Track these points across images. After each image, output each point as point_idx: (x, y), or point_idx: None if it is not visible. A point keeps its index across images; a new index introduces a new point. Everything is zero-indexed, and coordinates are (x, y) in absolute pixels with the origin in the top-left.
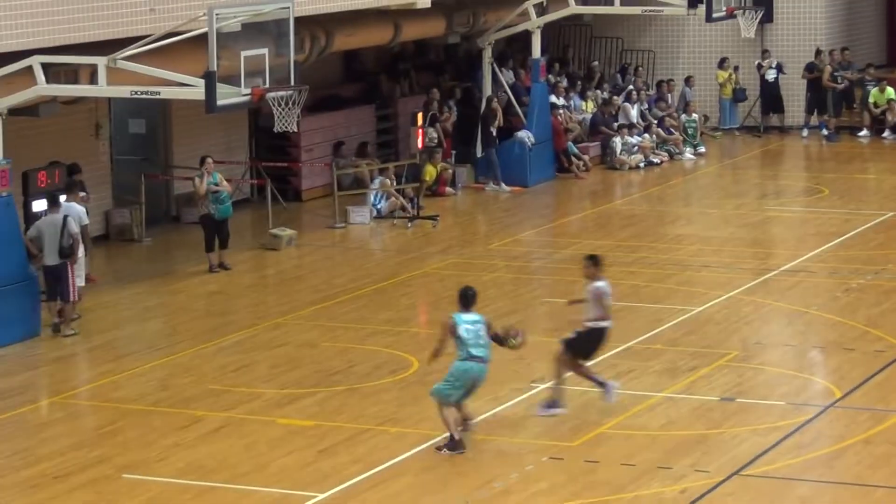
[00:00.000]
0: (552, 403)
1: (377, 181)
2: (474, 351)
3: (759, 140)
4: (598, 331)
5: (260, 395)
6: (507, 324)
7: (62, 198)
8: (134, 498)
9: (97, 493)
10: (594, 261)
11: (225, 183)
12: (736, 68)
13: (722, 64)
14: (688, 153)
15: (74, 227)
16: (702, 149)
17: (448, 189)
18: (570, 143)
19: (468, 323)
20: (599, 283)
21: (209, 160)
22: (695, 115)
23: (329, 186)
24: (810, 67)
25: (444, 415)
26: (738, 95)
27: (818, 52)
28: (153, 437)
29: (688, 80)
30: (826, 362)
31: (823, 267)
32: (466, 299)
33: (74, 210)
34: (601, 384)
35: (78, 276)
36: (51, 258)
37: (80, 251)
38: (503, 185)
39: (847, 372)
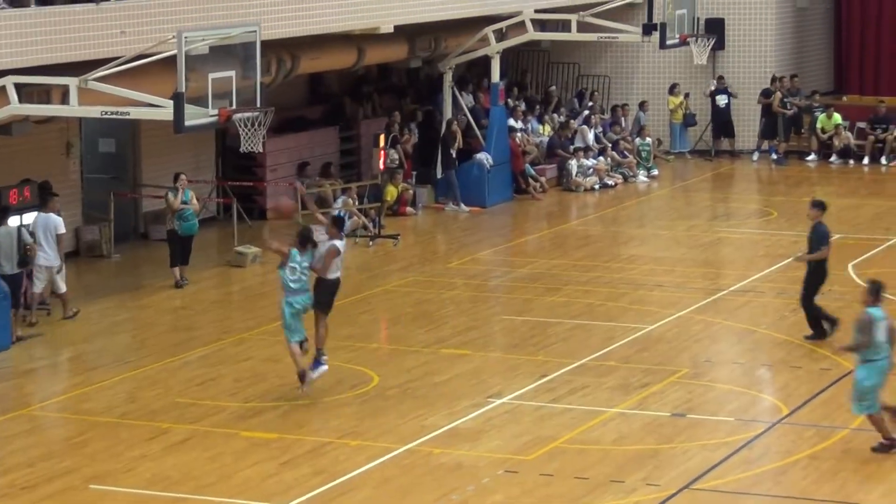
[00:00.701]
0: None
1: (340, 200)
2: (292, 285)
3: (710, 164)
4: (328, 282)
5: (224, 408)
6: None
7: (30, 215)
8: None
9: (64, 503)
10: (337, 223)
11: (195, 202)
12: (686, 95)
13: (672, 90)
14: (641, 176)
15: (28, 237)
16: (655, 172)
17: (409, 209)
18: (527, 166)
19: (296, 263)
20: (336, 242)
21: (183, 177)
22: (648, 139)
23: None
24: (766, 93)
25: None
26: (689, 120)
27: (773, 79)
28: (120, 449)
29: (642, 105)
30: (774, 380)
31: (772, 287)
32: (303, 241)
33: (52, 220)
34: (318, 361)
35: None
36: (8, 267)
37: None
38: (462, 205)
39: (794, 389)
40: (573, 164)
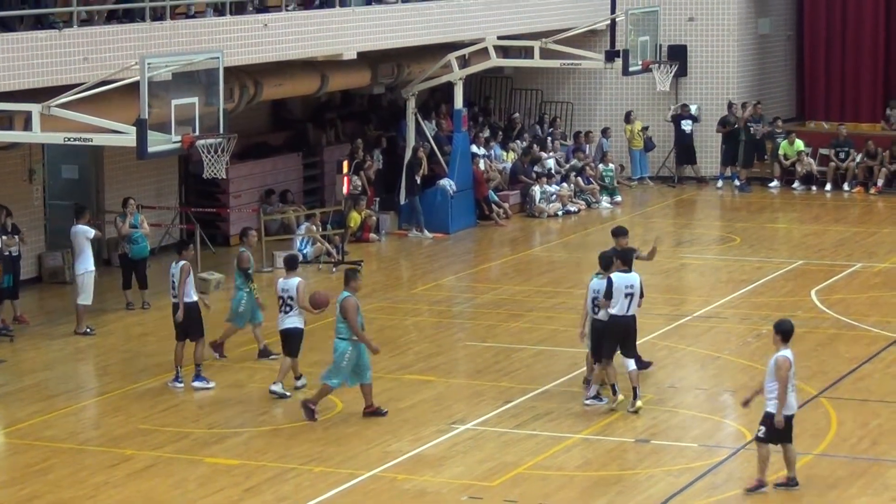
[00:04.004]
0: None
1: (303, 227)
2: None
3: (673, 190)
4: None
5: (188, 434)
6: None
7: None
8: None
9: None
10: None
11: (145, 226)
12: (646, 128)
13: (628, 118)
14: (604, 202)
15: None
16: (618, 198)
17: (372, 235)
18: (490, 192)
19: None
20: (182, 263)
21: (131, 201)
22: (611, 165)
23: (256, 232)
24: (724, 122)
25: None
26: (648, 145)
27: (730, 105)
28: (83, 476)
29: (605, 132)
30: (737, 405)
31: (735, 313)
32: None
33: (82, 230)
34: (176, 373)
35: (85, 296)
36: None
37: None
38: (426, 231)
39: (757, 415)
40: (536, 190)
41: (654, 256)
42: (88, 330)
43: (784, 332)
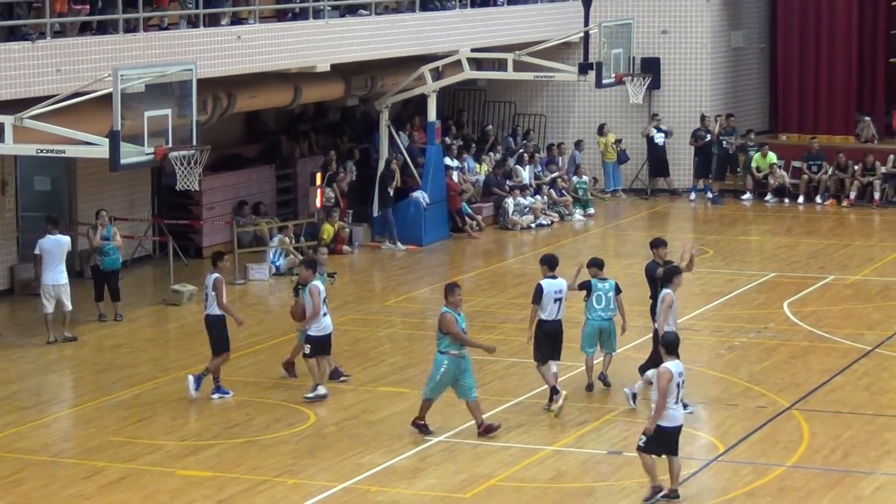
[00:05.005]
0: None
1: (276, 239)
2: None
3: (646, 202)
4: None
5: (161, 446)
6: None
7: None
8: None
9: None
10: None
11: (118, 238)
12: (619, 140)
13: (601, 130)
14: (578, 214)
15: None
16: (591, 210)
17: (345, 247)
18: (464, 204)
19: None
20: (215, 276)
21: (104, 213)
22: (585, 178)
23: (229, 244)
24: (696, 135)
25: None
26: (622, 157)
27: (703, 118)
28: (56, 488)
29: (578, 144)
30: (710, 417)
31: (707, 325)
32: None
33: (61, 241)
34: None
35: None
36: None
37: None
38: (399, 243)
39: (730, 427)
40: (509, 202)
41: (692, 266)
42: (62, 336)
43: (667, 344)
